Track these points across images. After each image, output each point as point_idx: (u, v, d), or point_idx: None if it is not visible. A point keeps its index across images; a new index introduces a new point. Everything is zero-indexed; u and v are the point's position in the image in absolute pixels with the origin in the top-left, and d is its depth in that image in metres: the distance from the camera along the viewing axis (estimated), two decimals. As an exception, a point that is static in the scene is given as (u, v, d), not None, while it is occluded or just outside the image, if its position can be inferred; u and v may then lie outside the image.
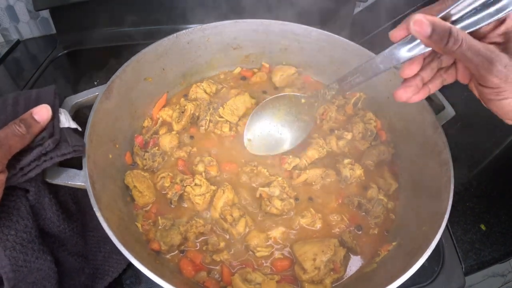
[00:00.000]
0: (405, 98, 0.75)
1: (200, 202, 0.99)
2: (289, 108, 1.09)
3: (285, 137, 1.11)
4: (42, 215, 0.80)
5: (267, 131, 1.12)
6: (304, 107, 1.05)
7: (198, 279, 0.91)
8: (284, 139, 1.11)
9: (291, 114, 1.09)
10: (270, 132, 1.12)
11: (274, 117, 1.11)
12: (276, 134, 1.11)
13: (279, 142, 1.11)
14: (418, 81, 0.74)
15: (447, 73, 0.76)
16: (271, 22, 1.27)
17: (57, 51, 1.56)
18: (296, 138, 1.10)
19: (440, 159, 0.97)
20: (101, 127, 0.96)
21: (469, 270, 1.07)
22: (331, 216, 1.03)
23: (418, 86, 0.74)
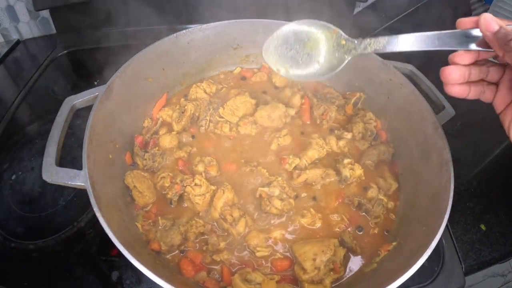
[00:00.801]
0: (453, 77, 0.71)
1: (200, 202, 0.99)
2: (323, 42, 0.94)
3: (302, 67, 0.96)
4: None
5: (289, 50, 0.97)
6: (339, 50, 0.92)
7: (198, 279, 0.91)
8: (301, 68, 0.96)
9: (320, 49, 0.95)
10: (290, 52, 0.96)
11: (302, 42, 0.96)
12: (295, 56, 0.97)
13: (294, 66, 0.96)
14: (466, 71, 0.72)
15: (488, 87, 0.75)
16: (271, 22, 1.27)
17: (57, 51, 1.57)
18: (312, 74, 0.95)
19: (440, 159, 0.97)
20: (101, 127, 0.96)
21: (469, 270, 1.07)
22: (331, 216, 1.03)
23: (465, 76, 0.72)
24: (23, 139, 1.25)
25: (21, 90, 1.41)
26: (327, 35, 0.94)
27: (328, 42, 0.94)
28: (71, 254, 0.99)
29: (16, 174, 1.15)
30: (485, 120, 1.31)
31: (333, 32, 0.92)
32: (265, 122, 1.21)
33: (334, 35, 0.92)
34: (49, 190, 1.11)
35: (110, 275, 0.96)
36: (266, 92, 1.31)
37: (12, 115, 1.33)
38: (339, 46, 0.92)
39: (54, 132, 0.92)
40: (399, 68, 1.16)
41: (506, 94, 0.72)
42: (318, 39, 0.94)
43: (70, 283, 0.94)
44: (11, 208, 1.07)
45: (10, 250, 0.99)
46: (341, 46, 0.92)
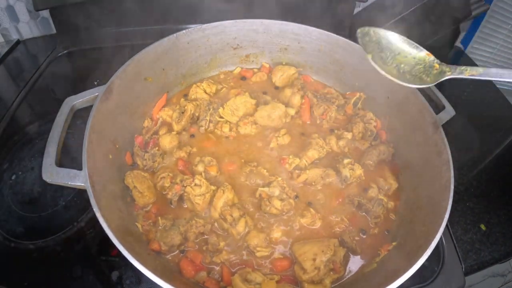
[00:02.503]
0: None
1: (200, 202, 0.99)
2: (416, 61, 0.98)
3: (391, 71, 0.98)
4: None
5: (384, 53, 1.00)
6: (432, 70, 0.95)
7: (198, 279, 0.91)
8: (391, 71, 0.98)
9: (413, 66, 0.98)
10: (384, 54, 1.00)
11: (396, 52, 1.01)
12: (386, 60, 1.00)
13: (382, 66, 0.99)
14: None
15: None
16: (271, 22, 1.27)
17: (57, 51, 1.57)
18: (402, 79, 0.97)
19: (440, 159, 0.97)
20: (101, 127, 0.96)
21: (469, 270, 1.07)
22: (331, 216, 1.03)
23: None
24: (23, 139, 1.25)
25: (21, 90, 1.41)
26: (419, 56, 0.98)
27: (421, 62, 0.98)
28: (71, 254, 0.99)
29: (16, 174, 1.15)
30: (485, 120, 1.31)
31: (426, 56, 0.97)
32: (265, 122, 1.21)
33: (427, 58, 0.97)
34: (49, 190, 1.11)
35: (110, 275, 0.96)
36: (266, 92, 1.32)
37: (12, 115, 1.33)
38: (431, 68, 0.96)
39: (54, 132, 0.92)
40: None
41: None
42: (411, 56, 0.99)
43: (70, 283, 0.94)
44: (11, 208, 1.07)
45: (10, 250, 0.99)
46: (433, 68, 0.95)
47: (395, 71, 0.99)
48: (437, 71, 0.94)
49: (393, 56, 1.00)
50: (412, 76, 0.97)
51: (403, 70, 0.99)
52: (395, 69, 0.99)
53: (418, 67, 0.98)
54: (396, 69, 0.99)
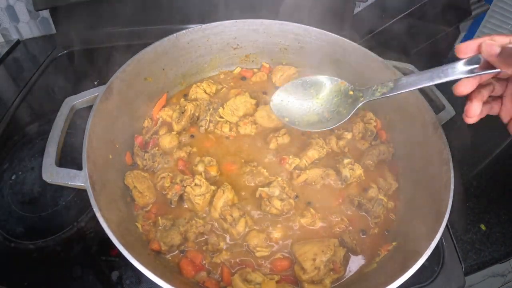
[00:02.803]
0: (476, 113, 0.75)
1: (200, 202, 0.99)
2: (332, 94, 0.99)
3: (313, 118, 1.00)
4: None
5: (299, 103, 1.01)
6: (347, 100, 0.95)
7: (198, 279, 0.91)
8: (312, 119, 1.00)
9: (330, 101, 0.99)
10: (300, 105, 1.01)
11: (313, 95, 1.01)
12: (306, 110, 1.01)
13: (303, 119, 1.00)
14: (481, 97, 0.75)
15: (495, 101, 0.78)
16: (271, 22, 1.27)
17: (57, 51, 1.57)
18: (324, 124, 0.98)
19: (440, 159, 0.97)
20: (101, 127, 0.96)
21: (469, 270, 1.07)
22: (331, 216, 1.03)
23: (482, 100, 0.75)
24: (23, 139, 1.25)
25: (21, 90, 1.41)
26: (334, 87, 0.98)
27: (337, 94, 0.98)
28: (71, 254, 0.99)
29: (16, 174, 1.15)
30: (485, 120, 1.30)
31: (340, 84, 0.97)
32: (265, 122, 1.21)
33: (342, 87, 0.97)
34: (49, 190, 1.11)
35: (110, 275, 0.96)
36: (266, 92, 1.32)
37: (12, 115, 1.33)
38: (346, 97, 0.95)
39: (54, 132, 0.92)
40: (399, 68, 1.16)
41: (510, 107, 0.75)
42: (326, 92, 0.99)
43: (70, 283, 0.94)
44: (11, 208, 1.07)
45: (10, 250, 0.99)
46: (348, 96, 0.95)
47: (316, 117, 0.99)
48: (352, 99, 0.94)
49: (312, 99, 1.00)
50: (330, 113, 0.97)
51: (322, 110, 0.99)
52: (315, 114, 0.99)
53: (335, 100, 0.97)
54: (316, 112, 0.99)
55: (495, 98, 0.79)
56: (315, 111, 0.99)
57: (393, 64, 1.16)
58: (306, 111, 1.00)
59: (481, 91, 0.75)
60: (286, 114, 1.01)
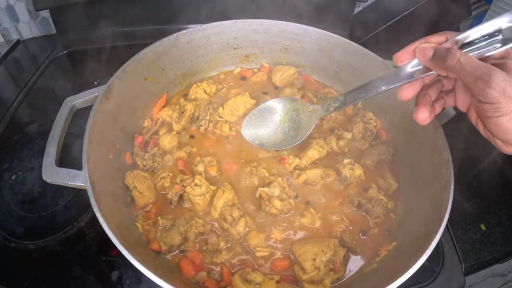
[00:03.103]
0: (424, 117, 0.76)
1: (200, 202, 0.99)
2: (294, 112, 1.09)
3: (280, 138, 1.10)
4: None
5: (266, 126, 1.12)
6: (309, 115, 1.05)
7: (198, 279, 0.91)
8: (279, 139, 1.10)
9: (292, 119, 1.09)
10: (268, 129, 1.12)
11: (276, 116, 1.11)
12: (273, 132, 1.11)
13: (270, 140, 1.11)
14: (427, 100, 0.76)
15: (448, 95, 0.79)
16: (271, 22, 1.27)
17: (57, 51, 1.57)
18: (290, 141, 1.08)
19: (440, 159, 0.97)
20: (101, 127, 0.96)
21: (469, 270, 1.07)
22: (331, 216, 1.03)
23: (429, 104, 0.76)
24: (23, 139, 1.25)
25: (21, 90, 1.41)
26: (298, 106, 1.07)
27: (298, 112, 1.07)
28: (71, 254, 0.99)
29: (16, 174, 1.15)
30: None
31: (300, 103, 1.06)
32: (265, 122, 1.21)
33: (301, 105, 1.05)
34: (49, 190, 1.11)
35: (110, 275, 0.96)
36: (266, 92, 1.31)
37: (12, 115, 1.33)
38: (307, 113, 1.05)
39: (54, 132, 0.92)
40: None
41: (464, 97, 0.75)
42: (288, 112, 1.09)
43: (70, 283, 0.94)
44: (11, 208, 1.07)
45: (10, 250, 0.99)
46: (308, 113, 1.04)
47: (282, 136, 1.09)
48: (310, 113, 1.02)
49: (277, 121, 1.10)
50: (294, 130, 1.07)
51: (287, 129, 1.09)
52: (281, 134, 1.09)
53: (298, 118, 1.07)
54: (282, 132, 1.09)
55: (447, 92, 0.79)
56: (281, 131, 1.10)
57: (393, 64, 1.16)
58: (273, 132, 1.11)
59: (427, 93, 0.76)
60: (257, 138, 1.11)
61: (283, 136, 1.09)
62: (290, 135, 1.08)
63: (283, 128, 1.10)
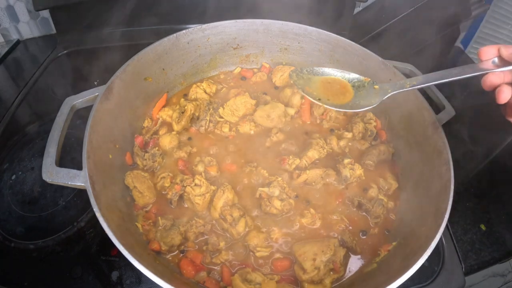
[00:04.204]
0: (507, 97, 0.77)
1: (200, 202, 0.99)
2: (356, 85, 0.99)
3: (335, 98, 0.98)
4: None
5: (323, 82, 1.00)
6: (374, 91, 0.96)
7: (198, 279, 0.91)
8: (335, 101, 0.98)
9: (355, 93, 0.99)
10: (324, 85, 1.00)
11: (334, 79, 1.00)
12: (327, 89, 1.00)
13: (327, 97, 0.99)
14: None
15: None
16: (271, 22, 1.27)
17: (57, 51, 1.56)
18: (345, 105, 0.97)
19: (440, 159, 0.97)
20: (101, 127, 0.96)
21: (469, 270, 1.07)
22: (331, 216, 1.03)
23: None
24: (23, 139, 1.25)
25: (21, 90, 1.41)
26: (357, 82, 0.99)
27: (361, 88, 0.99)
28: (71, 254, 0.99)
29: (16, 174, 1.15)
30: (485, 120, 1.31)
31: (364, 80, 0.99)
32: (264, 122, 1.21)
33: (365, 82, 0.98)
34: (49, 190, 1.11)
35: (110, 275, 0.96)
36: (266, 92, 1.32)
37: (12, 115, 1.33)
38: (372, 90, 0.97)
39: (54, 132, 0.92)
40: (399, 68, 1.16)
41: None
42: (348, 85, 1.00)
43: (70, 283, 0.94)
44: (11, 208, 1.07)
45: (10, 250, 0.99)
46: (374, 89, 0.96)
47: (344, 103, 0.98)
48: (378, 91, 0.96)
49: (336, 91, 0.99)
50: (354, 99, 0.98)
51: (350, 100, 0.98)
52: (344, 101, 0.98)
53: (359, 93, 0.98)
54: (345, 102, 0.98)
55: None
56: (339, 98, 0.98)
57: (393, 64, 1.16)
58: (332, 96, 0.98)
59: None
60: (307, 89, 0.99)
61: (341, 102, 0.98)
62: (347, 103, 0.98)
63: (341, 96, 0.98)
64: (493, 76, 0.78)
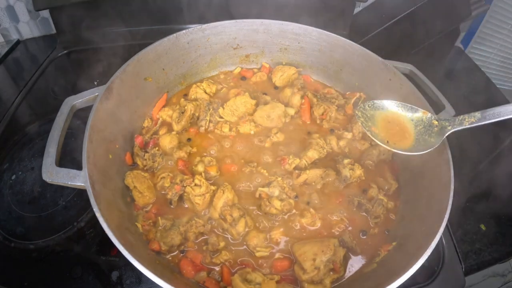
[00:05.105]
0: None
1: (200, 202, 0.99)
2: (415, 123, 1.00)
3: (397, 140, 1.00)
4: None
5: (384, 121, 1.02)
6: (432, 129, 0.97)
7: (198, 279, 0.91)
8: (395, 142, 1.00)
9: (413, 128, 1.00)
10: (386, 125, 1.02)
11: (395, 118, 1.02)
12: (389, 129, 1.01)
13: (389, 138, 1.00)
14: None
15: None
16: (271, 22, 1.27)
17: (57, 51, 1.57)
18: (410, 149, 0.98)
19: (440, 159, 0.97)
20: (101, 127, 0.96)
21: (469, 270, 1.07)
22: (331, 216, 1.03)
23: None
24: (23, 139, 1.25)
25: (21, 90, 1.41)
26: (417, 117, 1.00)
27: (420, 123, 0.99)
28: (71, 254, 0.99)
29: (16, 174, 1.15)
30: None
31: (422, 114, 0.99)
32: (264, 122, 1.21)
33: (424, 117, 0.99)
34: (49, 190, 1.11)
35: (110, 275, 0.96)
36: (266, 92, 1.32)
37: (12, 115, 1.33)
38: (430, 127, 0.98)
39: (54, 132, 0.92)
40: (399, 68, 1.16)
41: None
42: (407, 120, 1.01)
43: (70, 283, 0.94)
44: (11, 208, 1.07)
45: (10, 250, 0.99)
46: (433, 125, 0.97)
47: (404, 144, 0.99)
48: (438, 128, 0.96)
49: (394, 127, 1.01)
50: (415, 141, 0.98)
51: (408, 138, 1.00)
52: (402, 141, 0.99)
53: (418, 129, 0.99)
54: (403, 141, 0.99)
55: None
56: (399, 137, 1.01)
57: (393, 64, 1.16)
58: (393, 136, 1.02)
59: None
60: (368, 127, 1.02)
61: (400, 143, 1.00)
62: (406, 143, 1.00)
63: (399, 135, 1.01)
64: None
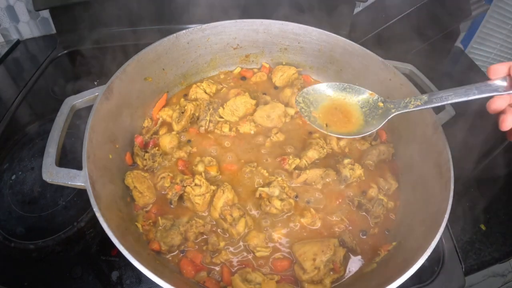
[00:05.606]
0: (510, 125, 0.76)
1: (200, 202, 0.99)
2: (361, 104, 0.97)
3: (339, 124, 0.98)
4: None
5: (328, 105, 0.99)
6: (377, 111, 0.94)
7: (198, 279, 0.91)
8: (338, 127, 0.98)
9: (359, 111, 0.97)
10: (329, 110, 0.99)
11: (340, 102, 0.99)
12: (332, 115, 0.99)
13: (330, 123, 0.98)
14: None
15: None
16: (271, 22, 1.27)
17: (57, 51, 1.57)
18: (349, 133, 0.96)
19: (440, 159, 0.97)
20: (101, 127, 0.96)
21: (469, 270, 1.07)
22: (331, 216, 1.03)
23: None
24: (23, 139, 1.25)
25: (21, 90, 1.41)
26: (363, 99, 0.97)
27: (365, 104, 0.97)
28: (71, 254, 0.99)
29: (16, 174, 1.15)
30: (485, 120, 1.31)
31: (369, 96, 0.97)
32: (264, 122, 1.21)
33: (370, 99, 0.96)
34: (49, 190, 1.11)
35: (110, 275, 0.96)
36: (266, 92, 1.32)
37: (12, 115, 1.33)
38: (376, 108, 0.95)
39: (54, 132, 0.92)
40: (399, 68, 1.16)
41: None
42: (353, 103, 0.98)
43: (70, 283, 0.94)
44: (11, 208, 1.07)
45: (10, 250, 0.99)
46: (378, 107, 0.94)
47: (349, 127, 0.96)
48: (382, 110, 0.93)
49: (340, 111, 0.98)
50: (361, 125, 0.95)
51: (354, 122, 0.96)
52: (347, 125, 0.96)
53: (364, 110, 0.96)
54: (349, 124, 0.96)
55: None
56: (343, 121, 0.98)
57: (393, 64, 1.16)
58: (336, 120, 0.99)
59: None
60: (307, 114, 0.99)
61: (343, 125, 0.97)
62: (348, 127, 0.97)
63: (344, 119, 0.98)
64: (500, 99, 0.75)
